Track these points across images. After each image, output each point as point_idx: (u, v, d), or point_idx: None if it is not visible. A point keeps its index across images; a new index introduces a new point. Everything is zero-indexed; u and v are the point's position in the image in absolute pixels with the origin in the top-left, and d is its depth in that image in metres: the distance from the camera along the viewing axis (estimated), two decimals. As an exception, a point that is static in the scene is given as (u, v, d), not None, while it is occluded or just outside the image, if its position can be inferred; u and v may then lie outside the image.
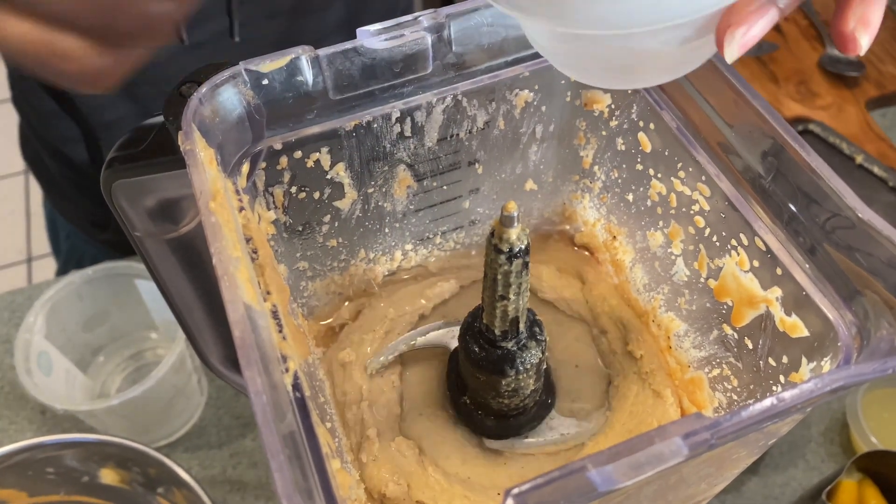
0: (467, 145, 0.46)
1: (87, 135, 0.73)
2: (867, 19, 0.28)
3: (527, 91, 0.44)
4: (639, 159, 0.47)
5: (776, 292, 0.38)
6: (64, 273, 0.82)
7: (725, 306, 0.42)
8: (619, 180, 0.50)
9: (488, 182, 0.49)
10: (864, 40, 0.28)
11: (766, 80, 0.97)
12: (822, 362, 0.36)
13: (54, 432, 0.64)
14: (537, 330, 0.42)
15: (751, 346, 0.41)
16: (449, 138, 0.45)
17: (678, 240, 0.46)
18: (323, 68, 0.38)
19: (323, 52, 0.38)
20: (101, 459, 0.54)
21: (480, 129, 0.45)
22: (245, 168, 0.39)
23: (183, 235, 0.43)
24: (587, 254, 0.55)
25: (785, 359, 0.39)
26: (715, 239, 0.42)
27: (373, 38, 0.38)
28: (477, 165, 0.48)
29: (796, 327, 0.37)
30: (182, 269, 0.45)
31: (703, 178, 0.41)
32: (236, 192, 0.37)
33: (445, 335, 0.48)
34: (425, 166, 0.46)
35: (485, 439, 0.45)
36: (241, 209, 0.36)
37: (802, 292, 0.36)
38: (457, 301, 0.52)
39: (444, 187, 0.48)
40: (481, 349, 0.41)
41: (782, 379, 0.39)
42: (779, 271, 0.37)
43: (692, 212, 0.43)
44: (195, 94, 0.35)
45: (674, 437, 0.26)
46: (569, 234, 0.55)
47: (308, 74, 0.38)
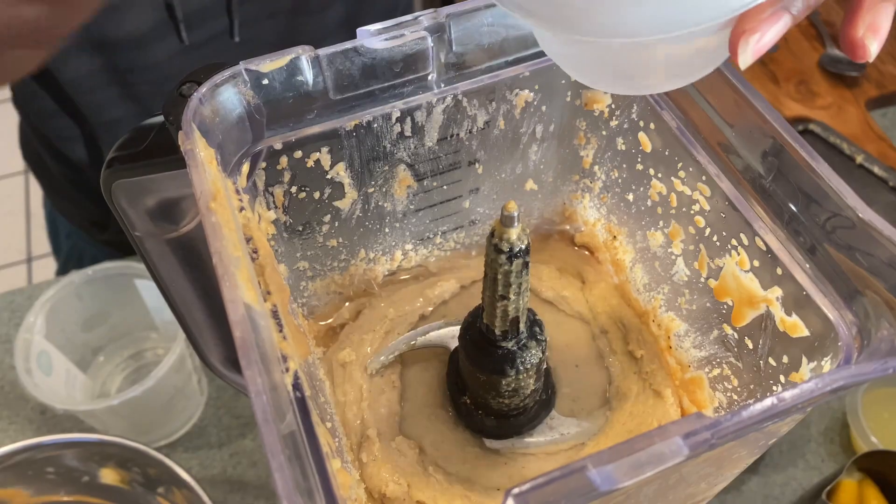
0: (467, 145, 0.46)
1: (86, 134, 0.73)
2: (877, 26, 0.28)
3: (527, 91, 0.44)
4: (639, 159, 0.47)
5: (776, 292, 0.38)
6: (64, 273, 0.82)
7: (726, 306, 0.42)
8: (620, 180, 0.50)
9: (488, 182, 0.49)
10: (874, 47, 0.28)
11: (766, 80, 0.97)
12: (823, 362, 0.36)
13: (54, 432, 0.64)
14: (537, 330, 0.42)
15: (751, 346, 0.41)
16: (449, 138, 0.45)
17: (678, 239, 0.46)
18: (323, 68, 0.38)
19: (323, 51, 0.38)
20: (102, 459, 0.54)
21: (481, 128, 0.45)
22: (245, 168, 0.39)
23: (183, 235, 0.43)
24: (587, 254, 0.55)
25: (785, 359, 0.39)
26: (715, 239, 0.42)
27: (373, 37, 0.38)
28: (477, 165, 0.48)
29: (796, 327, 0.37)
30: (182, 269, 0.45)
31: (704, 178, 0.41)
32: (236, 191, 0.37)
33: (445, 335, 0.48)
34: (425, 166, 0.46)
35: (485, 439, 0.45)
36: (242, 209, 0.36)
37: (803, 292, 0.36)
38: (457, 301, 0.52)
39: (445, 187, 0.48)
40: (482, 349, 0.41)
41: (782, 379, 0.39)
42: (779, 271, 0.37)
43: (692, 211, 0.43)
44: (195, 93, 0.35)
45: (674, 437, 0.26)
46: (569, 234, 0.55)
47: (308, 74, 0.38)
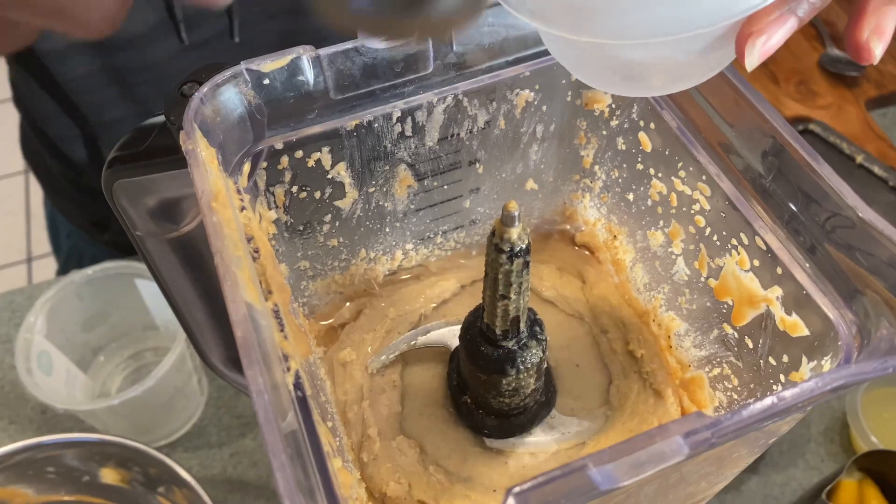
0: (468, 145, 0.46)
1: (86, 134, 0.73)
2: (882, 29, 0.28)
3: (527, 91, 0.44)
4: (639, 159, 0.47)
5: (776, 291, 0.38)
6: (64, 273, 0.82)
7: (726, 305, 0.43)
8: (620, 180, 0.50)
9: (489, 182, 0.49)
10: (878, 49, 0.29)
11: (766, 79, 0.97)
12: (823, 361, 0.36)
13: (55, 432, 0.64)
14: (538, 329, 0.42)
15: (751, 346, 0.41)
16: (450, 138, 0.45)
17: (678, 239, 0.46)
18: (324, 68, 0.38)
19: (324, 51, 0.38)
20: (102, 459, 0.54)
21: (481, 128, 0.45)
22: (246, 167, 0.39)
23: (184, 235, 0.43)
24: (588, 253, 0.55)
25: (785, 358, 0.39)
26: (715, 238, 0.42)
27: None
28: (478, 165, 0.48)
29: (797, 326, 0.37)
30: (183, 269, 0.45)
31: (704, 178, 0.41)
32: (237, 191, 0.37)
33: (446, 334, 0.48)
34: (426, 166, 0.46)
35: (486, 438, 0.45)
36: (243, 209, 0.36)
37: (803, 291, 0.36)
38: (457, 300, 0.52)
39: (445, 187, 0.48)
40: (482, 348, 0.41)
41: (782, 378, 0.39)
42: (779, 270, 0.37)
43: (693, 211, 0.43)
44: (196, 93, 0.35)
45: (674, 436, 0.26)
46: (569, 234, 0.56)
47: (309, 74, 0.38)
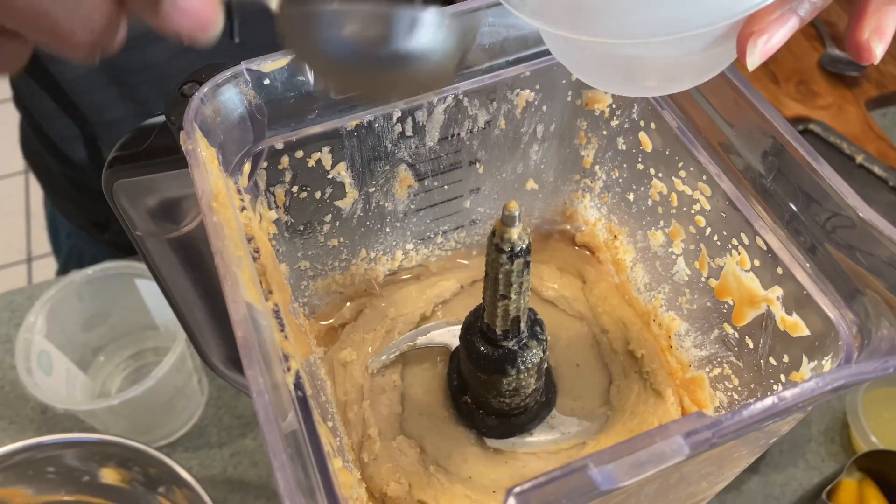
0: (468, 145, 0.46)
1: (86, 134, 0.73)
2: (882, 29, 0.28)
3: (528, 91, 0.44)
4: (640, 159, 0.47)
5: (777, 291, 0.38)
6: (64, 273, 0.82)
7: (726, 305, 0.43)
8: (620, 180, 0.50)
9: (489, 182, 0.49)
10: (879, 50, 0.29)
11: (766, 79, 0.97)
12: (823, 361, 0.36)
13: (55, 432, 0.64)
14: (538, 329, 0.42)
15: (752, 346, 0.41)
16: (450, 138, 0.45)
17: (679, 239, 0.46)
18: (324, 68, 0.38)
19: (324, 51, 0.38)
20: (102, 459, 0.54)
21: (481, 128, 0.45)
22: (246, 167, 0.39)
23: (184, 235, 0.43)
24: (588, 253, 0.55)
25: (786, 358, 0.39)
26: (716, 238, 0.42)
27: (374, 37, 0.38)
28: (478, 165, 0.48)
29: (797, 326, 0.37)
30: (183, 269, 0.45)
31: (704, 178, 0.41)
32: (238, 191, 0.37)
33: (446, 334, 0.48)
34: (426, 166, 0.46)
35: (486, 438, 0.45)
36: (243, 209, 0.36)
37: (803, 291, 0.36)
38: (458, 300, 0.52)
39: (445, 187, 0.48)
40: (482, 348, 0.41)
41: (783, 378, 0.39)
42: (779, 270, 0.37)
43: (693, 211, 0.43)
44: (197, 93, 0.35)
45: (675, 436, 0.26)
46: (570, 234, 0.56)
47: (309, 74, 0.38)
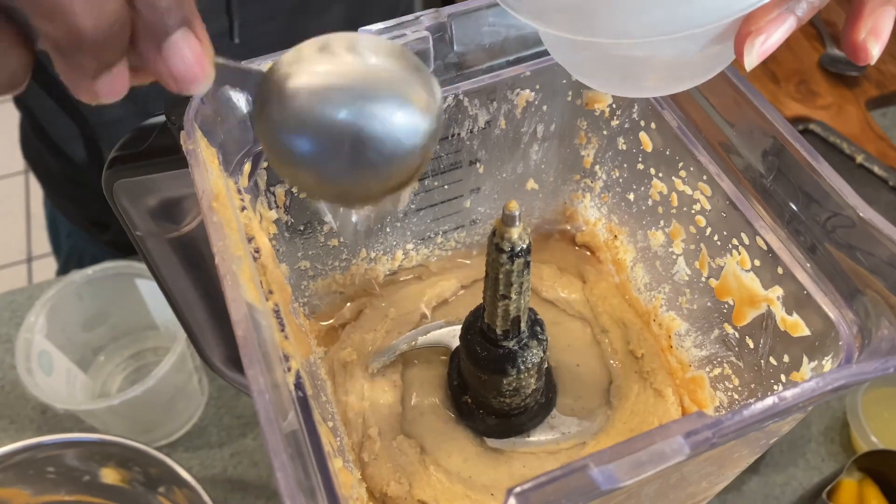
0: (468, 145, 0.46)
1: (86, 134, 0.73)
2: (878, 30, 0.28)
3: (528, 90, 0.44)
4: (640, 159, 0.47)
5: (777, 291, 0.38)
6: (64, 273, 0.82)
7: (726, 305, 0.42)
8: (620, 180, 0.50)
9: (489, 181, 0.49)
10: (875, 50, 0.29)
11: (766, 79, 0.97)
12: (824, 361, 0.36)
13: (55, 432, 0.64)
14: (538, 329, 0.42)
15: (752, 346, 0.41)
16: (450, 138, 0.45)
17: (679, 239, 0.46)
18: (324, 68, 0.38)
19: (324, 51, 0.38)
20: (102, 459, 0.54)
21: (482, 128, 0.45)
22: (247, 167, 0.39)
23: (184, 235, 0.43)
24: (588, 253, 0.55)
25: (786, 358, 0.39)
26: (716, 238, 0.42)
27: (374, 37, 0.38)
28: (478, 165, 0.48)
29: (797, 326, 0.37)
30: (183, 269, 0.45)
31: (705, 178, 0.41)
32: (238, 191, 0.37)
33: (447, 334, 0.48)
34: (426, 165, 0.46)
35: (486, 438, 0.45)
36: (243, 208, 0.36)
37: (803, 291, 0.36)
38: (458, 300, 0.52)
39: (446, 187, 0.48)
40: (483, 348, 0.41)
41: (783, 378, 0.39)
42: (780, 270, 0.37)
43: (693, 211, 0.43)
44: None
45: (675, 436, 0.26)
46: (570, 234, 0.56)
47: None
